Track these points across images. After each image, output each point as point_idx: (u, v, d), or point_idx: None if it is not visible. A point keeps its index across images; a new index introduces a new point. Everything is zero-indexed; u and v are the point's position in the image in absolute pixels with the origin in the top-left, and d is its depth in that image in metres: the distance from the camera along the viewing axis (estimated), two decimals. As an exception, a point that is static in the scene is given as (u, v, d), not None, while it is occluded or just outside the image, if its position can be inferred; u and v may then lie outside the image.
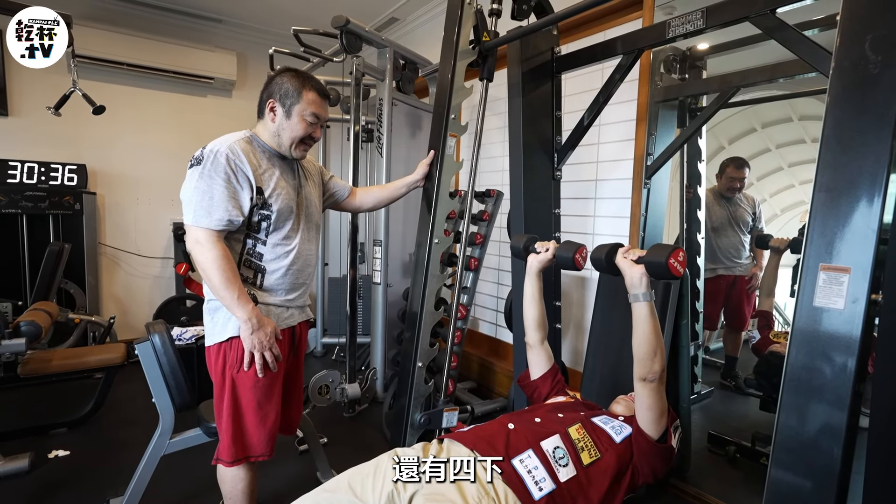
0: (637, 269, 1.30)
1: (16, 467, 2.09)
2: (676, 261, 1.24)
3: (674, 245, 1.27)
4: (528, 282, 1.65)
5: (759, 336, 2.34)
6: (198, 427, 1.82)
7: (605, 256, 1.38)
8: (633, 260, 1.32)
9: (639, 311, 1.29)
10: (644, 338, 1.28)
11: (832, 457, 1.02)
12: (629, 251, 1.35)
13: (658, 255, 1.26)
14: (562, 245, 1.58)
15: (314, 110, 1.42)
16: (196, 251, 1.33)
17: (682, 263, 1.25)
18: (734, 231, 2.47)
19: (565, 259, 1.55)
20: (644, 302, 1.28)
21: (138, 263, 3.98)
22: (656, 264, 1.26)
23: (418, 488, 1.16)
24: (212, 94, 4.18)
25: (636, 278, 1.29)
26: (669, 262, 1.23)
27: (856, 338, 1.00)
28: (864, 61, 1.02)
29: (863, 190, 1.01)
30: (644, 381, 1.29)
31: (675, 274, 1.24)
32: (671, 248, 1.25)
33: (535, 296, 1.65)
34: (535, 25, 1.78)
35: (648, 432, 1.30)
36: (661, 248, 1.27)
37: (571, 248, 1.54)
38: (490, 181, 3.25)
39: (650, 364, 1.28)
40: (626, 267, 1.33)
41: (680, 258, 1.25)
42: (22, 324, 2.21)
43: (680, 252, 1.25)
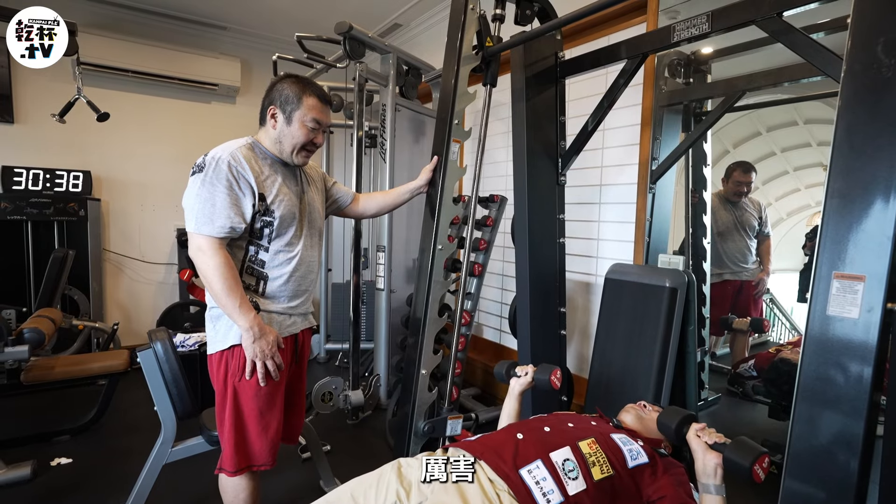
0: (713, 457, 1.15)
1: (18, 475, 2.08)
2: (761, 468, 1.08)
3: (761, 449, 1.10)
4: (508, 402, 1.66)
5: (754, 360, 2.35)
6: (200, 435, 1.81)
7: (676, 427, 1.26)
8: (709, 444, 1.18)
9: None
10: None
11: (849, 469, 0.99)
12: (704, 431, 1.21)
13: (743, 456, 1.09)
14: (539, 368, 1.64)
15: (315, 116, 1.42)
16: (198, 258, 1.32)
17: (766, 470, 1.08)
18: (740, 236, 2.45)
19: (542, 381, 1.60)
20: (716, 496, 1.12)
21: (142, 269, 3.99)
22: (738, 465, 1.09)
23: (422, 499, 1.13)
24: (216, 101, 4.20)
25: (710, 467, 1.14)
26: (754, 469, 1.07)
27: (872, 347, 0.97)
28: (876, 65, 1.00)
29: (877, 195, 0.98)
30: None
31: (755, 480, 1.07)
32: (758, 451, 1.08)
33: (511, 417, 1.64)
34: (538, 31, 1.77)
35: None
36: (747, 448, 1.10)
37: (547, 371, 1.60)
38: (494, 186, 3.24)
39: None
40: (698, 450, 1.18)
41: (765, 465, 1.08)
42: (25, 331, 2.21)
43: (766, 458, 1.08)
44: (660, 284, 1.84)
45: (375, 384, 2.90)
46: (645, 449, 1.30)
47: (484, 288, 3.16)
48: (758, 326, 2.39)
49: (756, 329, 2.40)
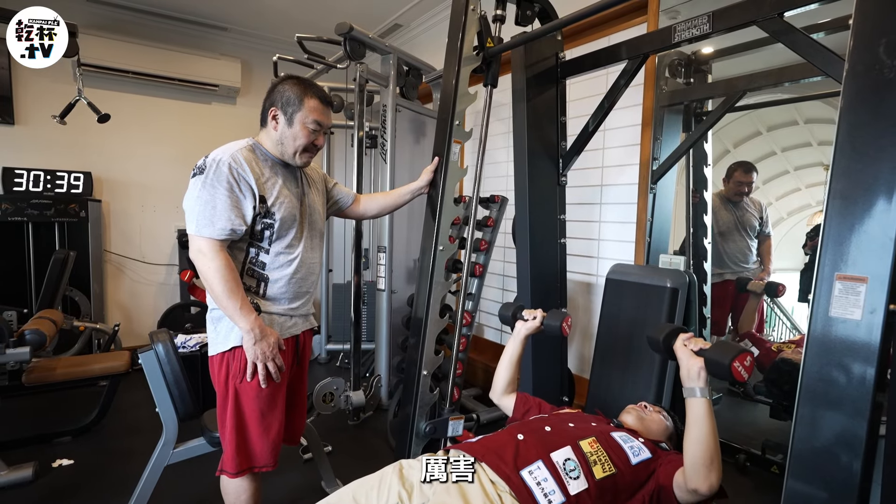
0: (696, 361, 1.17)
1: (20, 477, 2.08)
2: (742, 365, 1.10)
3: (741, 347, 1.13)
4: (511, 345, 1.64)
5: (757, 352, 2.32)
6: (201, 437, 1.81)
7: (664, 339, 1.28)
8: (694, 351, 1.20)
9: (695, 409, 1.15)
10: (700, 441, 1.12)
11: (851, 471, 0.99)
12: (691, 339, 1.24)
13: (722, 355, 1.12)
14: (549, 314, 1.59)
15: (316, 117, 1.41)
16: (199, 261, 1.32)
17: (748, 369, 1.10)
18: (741, 235, 2.45)
19: (553, 327, 1.55)
20: (701, 399, 1.14)
21: (143, 270, 3.99)
22: (718, 364, 1.12)
23: (424, 501, 1.14)
24: (216, 102, 4.20)
25: (693, 371, 1.16)
26: (733, 366, 1.10)
27: (874, 349, 0.97)
28: (878, 65, 0.99)
29: (879, 196, 0.98)
30: (695, 492, 1.12)
31: (737, 379, 1.10)
32: (738, 349, 1.12)
33: (513, 360, 1.63)
34: (539, 31, 1.77)
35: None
36: (727, 348, 1.14)
37: (559, 316, 1.55)
38: (495, 187, 3.24)
39: (706, 473, 1.10)
40: (684, 357, 1.21)
41: (746, 363, 1.10)
42: (26, 332, 2.21)
43: (748, 356, 1.11)
44: (661, 285, 1.84)
45: (376, 385, 2.90)
46: (646, 444, 1.31)
47: (485, 288, 3.15)
48: (772, 290, 2.33)
49: (770, 293, 2.33)
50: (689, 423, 1.16)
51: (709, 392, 1.15)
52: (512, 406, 1.62)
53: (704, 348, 1.19)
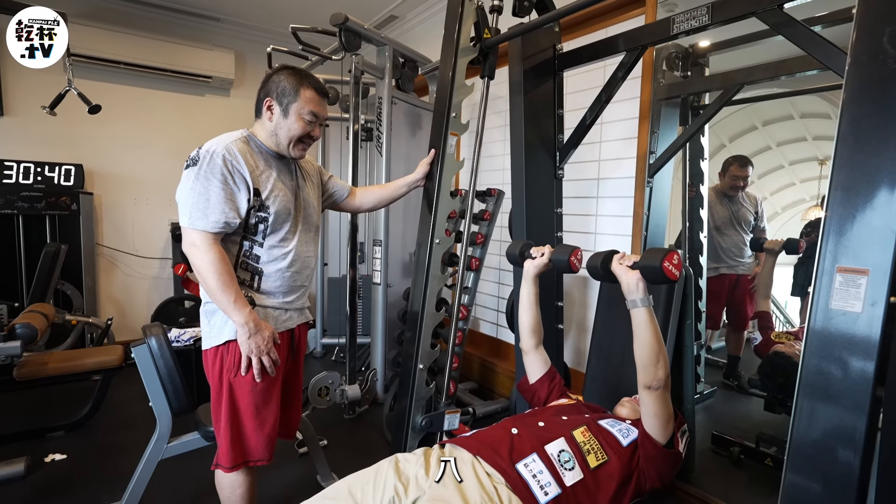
0: (633, 274, 1.27)
1: (12, 472, 2.07)
2: (671, 263, 1.20)
3: (668, 248, 1.23)
4: (524, 287, 1.64)
5: (760, 337, 2.31)
6: (196, 431, 1.80)
7: (601, 264, 1.36)
8: (629, 266, 1.29)
9: (638, 317, 1.26)
10: (646, 344, 1.25)
11: (851, 464, 0.99)
12: (624, 257, 1.33)
13: (652, 260, 1.22)
14: (557, 248, 1.58)
15: (312, 109, 1.39)
16: (192, 254, 1.30)
17: (678, 266, 1.21)
18: (736, 230, 2.45)
19: (561, 262, 1.54)
20: (642, 307, 1.25)
21: (136, 264, 3.96)
22: (650, 268, 1.22)
23: (420, 494, 1.13)
24: (210, 94, 4.15)
25: (632, 284, 1.27)
26: (664, 266, 1.19)
27: (875, 342, 0.96)
28: (882, 56, 0.98)
29: (882, 188, 0.97)
30: (649, 388, 1.26)
31: (670, 277, 1.20)
32: (665, 251, 1.21)
33: (531, 301, 1.63)
34: (536, 22, 1.75)
35: (655, 438, 1.28)
36: (655, 252, 1.23)
37: (566, 250, 1.53)
38: (491, 180, 3.22)
39: (654, 370, 1.25)
40: (621, 273, 1.30)
41: (675, 261, 1.21)
42: (17, 326, 2.18)
43: (674, 255, 1.21)
44: (657, 278, 1.84)
45: (372, 379, 2.89)
46: (634, 424, 1.36)
47: (481, 282, 3.15)
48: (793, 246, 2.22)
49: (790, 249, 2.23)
50: (635, 330, 1.27)
51: (649, 300, 1.26)
52: (539, 370, 1.66)
53: (637, 261, 1.28)
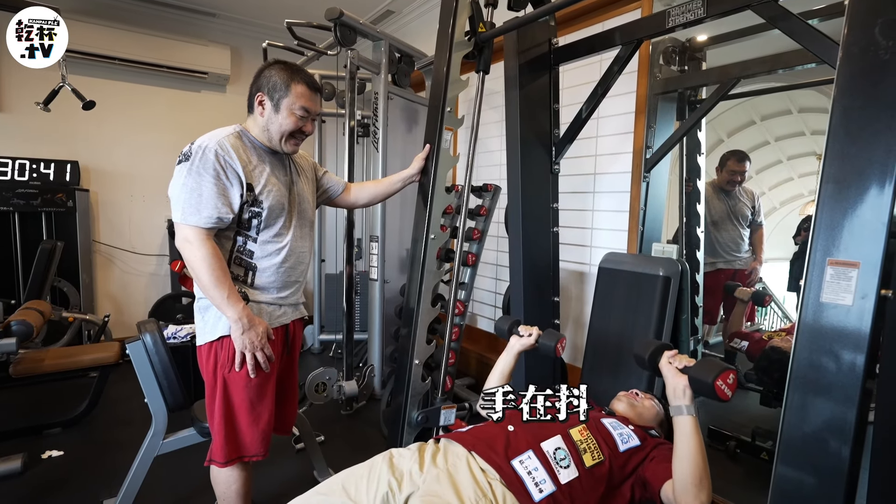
0: (681, 379, 1.18)
1: (9, 468, 2.07)
2: (725, 383, 1.10)
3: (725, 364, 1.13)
4: (504, 357, 1.64)
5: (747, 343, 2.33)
6: (191, 427, 1.80)
7: (650, 357, 1.28)
8: (678, 368, 1.21)
9: (681, 426, 1.15)
10: (687, 459, 1.11)
11: (841, 456, 0.99)
12: (676, 357, 1.24)
13: (705, 374, 1.12)
14: (545, 334, 1.60)
15: (303, 104, 1.38)
16: (185, 249, 1.30)
17: (731, 387, 1.11)
18: (733, 225, 2.45)
19: (547, 347, 1.56)
20: (687, 416, 1.14)
21: (133, 261, 3.95)
22: (701, 384, 1.12)
23: (414, 489, 1.13)
24: (206, 90, 4.13)
25: (679, 389, 1.17)
26: (716, 384, 1.09)
27: (865, 335, 0.96)
28: (873, 47, 0.98)
29: (872, 181, 0.97)
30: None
31: (721, 397, 1.10)
32: (721, 367, 1.11)
33: (504, 373, 1.63)
34: (531, 16, 1.74)
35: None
36: (710, 366, 1.13)
37: (553, 337, 1.57)
38: (487, 175, 3.22)
39: (696, 492, 1.09)
40: (669, 374, 1.22)
41: (729, 380, 1.10)
42: (13, 323, 2.18)
43: (730, 374, 1.11)
44: (653, 273, 1.84)
45: (369, 374, 2.89)
46: (636, 432, 1.32)
47: (478, 278, 3.15)
48: (759, 299, 2.35)
49: (757, 301, 2.36)
50: (677, 440, 1.16)
51: (695, 409, 1.15)
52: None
53: (689, 366, 1.19)
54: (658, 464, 1.24)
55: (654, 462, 1.25)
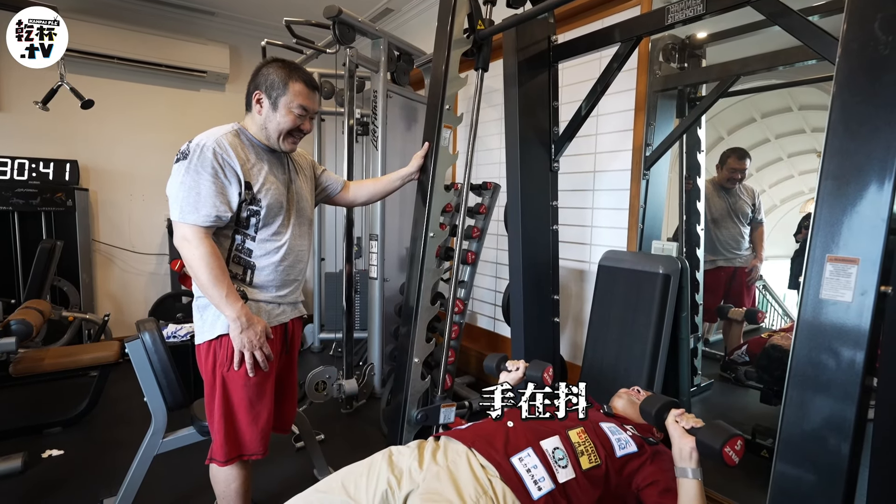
0: (688, 440, 1.15)
1: (9, 467, 2.07)
2: (733, 450, 1.08)
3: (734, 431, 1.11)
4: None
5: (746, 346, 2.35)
6: (191, 426, 1.80)
7: (656, 413, 1.26)
8: (685, 428, 1.18)
9: (686, 489, 1.13)
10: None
11: (840, 453, 0.99)
12: (683, 416, 1.22)
13: (713, 438, 1.10)
14: (531, 365, 1.61)
15: (301, 102, 1.38)
16: (183, 248, 1.29)
17: (739, 453, 1.09)
18: (734, 222, 2.44)
19: (535, 378, 1.58)
20: (692, 480, 1.12)
21: (133, 260, 3.95)
22: (709, 449, 1.10)
23: (413, 487, 1.13)
24: (205, 88, 4.12)
25: (685, 451, 1.15)
26: (724, 451, 1.08)
27: (864, 331, 0.96)
28: (873, 42, 0.97)
29: (872, 177, 0.97)
30: None
31: (728, 464, 1.08)
32: (730, 433, 1.10)
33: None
34: (530, 13, 1.73)
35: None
36: (719, 430, 1.12)
37: (539, 367, 1.58)
38: (487, 174, 3.21)
39: None
40: (676, 435, 1.19)
41: (737, 447, 1.09)
42: (12, 322, 2.18)
43: (738, 440, 1.09)
44: (653, 271, 1.84)
45: (369, 373, 2.89)
46: (634, 438, 1.31)
47: (477, 276, 3.14)
48: (752, 318, 2.39)
49: (750, 320, 2.40)
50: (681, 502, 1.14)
51: (700, 473, 1.14)
52: None
53: (696, 427, 1.17)
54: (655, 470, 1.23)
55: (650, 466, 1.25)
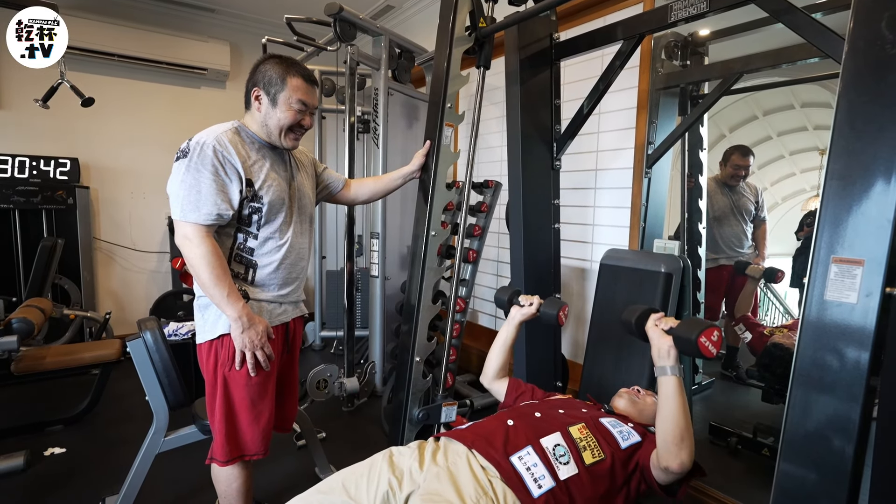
0: (666, 340, 1.18)
1: (11, 465, 2.08)
2: (709, 340, 1.11)
3: (709, 322, 1.14)
4: (504, 330, 1.63)
5: (751, 335, 2.32)
6: (193, 425, 1.80)
7: (636, 321, 1.28)
8: (664, 330, 1.21)
9: (665, 386, 1.15)
10: (670, 419, 1.13)
11: (844, 454, 0.98)
12: (661, 319, 1.25)
13: (688, 332, 1.13)
14: (547, 302, 1.56)
15: (300, 97, 1.37)
16: (185, 247, 1.29)
17: (716, 344, 1.12)
18: (736, 220, 2.44)
19: (549, 315, 1.53)
20: (671, 377, 1.15)
21: (134, 258, 3.95)
22: (685, 341, 1.13)
23: (414, 488, 1.13)
24: (205, 86, 4.11)
25: (664, 350, 1.17)
26: (700, 341, 1.10)
27: (869, 333, 0.95)
28: (880, 41, 0.96)
29: (878, 177, 0.96)
30: (667, 471, 1.13)
31: (705, 354, 1.10)
32: (705, 325, 1.12)
33: (506, 344, 1.61)
34: (532, 10, 1.72)
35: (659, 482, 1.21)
36: (694, 324, 1.14)
37: (556, 305, 1.53)
38: (488, 172, 3.20)
39: (676, 451, 1.11)
40: (654, 336, 1.22)
41: (713, 338, 1.11)
42: (13, 321, 2.18)
43: (714, 331, 1.11)
44: (655, 270, 1.83)
45: (370, 371, 2.89)
46: (636, 429, 1.32)
47: (479, 274, 3.14)
48: (771, 276, 2.32)
49: (769, 279, 2.33)
50: (661, 401, 1.17)
51: (679, 370, 1.16)
52: (504, 391, 1.61)
53: (674, 326, 1.20)
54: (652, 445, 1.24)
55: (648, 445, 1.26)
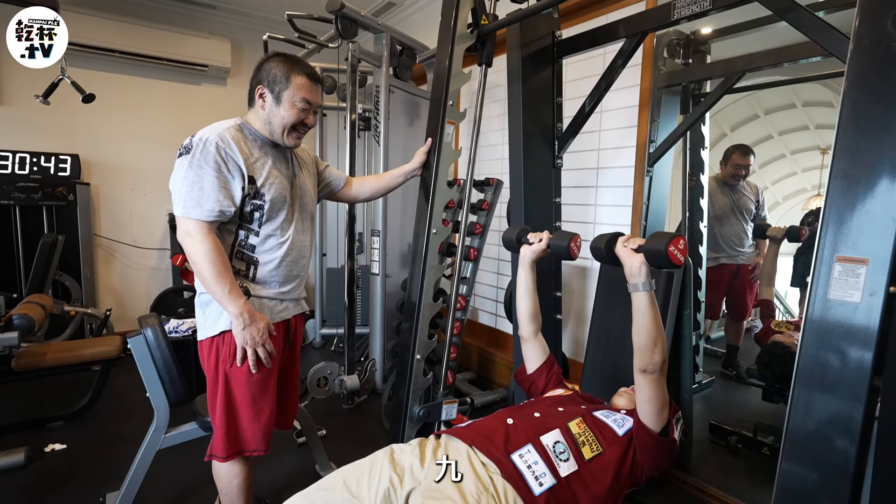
0: (636, 257, 1.25)
1: (12, 461, 2.08)
2: (677, 248, 1.19)
3: (674, 232, 1.23)
4: (521, 273, 1.62)
5: (761, 325, 2.31)
6: (193, 421, 1.80)
7: (605, 245, 1.34)
8: (633, 249, 1.28)
9: (638, 301, 1.26)
10: (644, 328, 1.25)
11: (847, 454, 0.98)
12: (629, 240, 1.31)
13: (657, 244, 1.21)
14: (556, 234, 1.55)
15: (304, 95, 1.37)
16: (186, 243, 1.29)
17: (683, 252, 1.21)
18: (737, 219, 2.43)
19: (560, 248, 1.51)
20: (644, 292, 1.24)
21: (135, 255, 3.95)
22: (655, 252, 1.21)
23: (415, 485, 1.13)
24: (206, 83, 4.11)
25: (635, 267, 1.25)
26: (669, 250, 1.19)
27: (873, 333, 0.95)
28: (886, 39, 0.95)
29: (883, 176, 0.95)
30: (644, 372, 1.26)
31: (674, 262, 1.19)
32: (671, 235, 1.21)
33: (528, 287, 1.61)
34: (534, 8, 1.72)
35: (650, 425, 1.28)
36: (661, 236, 1.22)
37: (566, 237, 1.50)
38: (489, 170, 3.20)
39: (650, 355, 1.25)
40: (625, 256, 1.29)
41: (680, 246, 1.20)
42: (14, 317, 2.18)
43: (680, 240, 1.20)
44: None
45: (371, 369, 2.90)
46: (630, 414, 1.36)
47: (480, 272, 3.14)
48: (795, 236, 2.24)
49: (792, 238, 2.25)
50: (635, 314, 1.27)
51: (651, 285, 1.25)
52: (537, 360, 1.64)
53: (642, 244, 1.26)
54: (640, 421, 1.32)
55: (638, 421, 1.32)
